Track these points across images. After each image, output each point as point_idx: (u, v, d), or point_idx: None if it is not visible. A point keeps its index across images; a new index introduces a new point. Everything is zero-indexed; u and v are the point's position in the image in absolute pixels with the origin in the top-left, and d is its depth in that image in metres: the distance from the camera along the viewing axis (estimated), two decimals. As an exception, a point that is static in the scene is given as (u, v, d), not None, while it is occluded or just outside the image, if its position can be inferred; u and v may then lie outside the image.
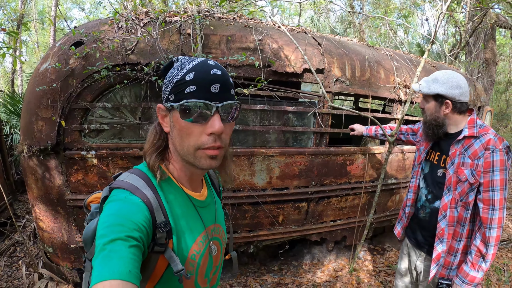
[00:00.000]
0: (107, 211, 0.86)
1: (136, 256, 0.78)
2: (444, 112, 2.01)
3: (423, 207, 2.22)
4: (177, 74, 0.92)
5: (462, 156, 1.95)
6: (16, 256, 3.75)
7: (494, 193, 1.84)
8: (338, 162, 3.62)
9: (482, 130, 1.93)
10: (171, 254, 0.93)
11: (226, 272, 3.69)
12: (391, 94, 3.77)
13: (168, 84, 0.94)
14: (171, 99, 0.93)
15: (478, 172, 1.88)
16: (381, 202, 4.11)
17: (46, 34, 18.34)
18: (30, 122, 2.82)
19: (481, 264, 1.89)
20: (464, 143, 1.96)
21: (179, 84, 0.91)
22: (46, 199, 2.96)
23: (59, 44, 2.88)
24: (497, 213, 1.84)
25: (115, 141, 2.95)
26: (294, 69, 3.17)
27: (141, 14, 3.07)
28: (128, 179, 0.95)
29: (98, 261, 0.74)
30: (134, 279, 0.73)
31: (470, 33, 7.30)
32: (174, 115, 0.93)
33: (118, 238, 0.77)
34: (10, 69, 11.97)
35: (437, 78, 2.01)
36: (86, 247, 1.02)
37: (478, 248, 1.89)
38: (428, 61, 4.63)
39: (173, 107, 0.92)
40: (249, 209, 3.35)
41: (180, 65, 0.94)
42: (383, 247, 4.58)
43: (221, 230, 1.18)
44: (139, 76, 2.76)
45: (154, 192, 0.94)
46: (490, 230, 1.85)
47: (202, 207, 1.08)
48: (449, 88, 1.96)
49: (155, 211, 0.91)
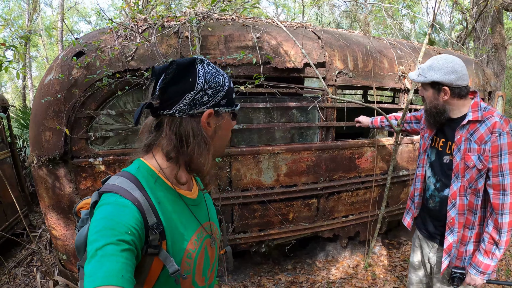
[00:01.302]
0: (97, 215, 0.85)
1: (129, 260, 0.77)
2: (443, 99, 1.95)
3: (432, 196, 2.15)
4: (224, 80, 1.00)
5: (468, 142, 1.89)
6: (33, 265, 3.82)
7: (504, 178, 1.78)
8: (347, 156, 3.58)
9: (487, 113, 1.86)
10: (165, 255, 0.92)
11: (239, 273, 3.68)
12: (396, 83, 3.71)
13: (218, 89, 0.98)
14: (223, 103, 1.00)
15: (486, 157, 1.82)
16: (393, 194, 4.04)
17: (54, 48, 18.72)
18: (38, 133, 2.87)
19: (494, 252, 1.84)
20: (469, 128, 1.90)
21: (230, 91, 1.02)
22: (58, 207, 3.00)
23: (61, 56, 2.93)
24: (508, 198, 1.78)
25: (121, 147, 2.98)
26: (295, 64, 3.15)
27: (139, 21, 3.10)
28: (117, 182, 0.94)
29: (90, 267, 0.73)
30: (127, 283, 0.72)
31: (476, 18, 7.15)
32: (226, 118, 1.03)
33: (109, 243, 0.76)
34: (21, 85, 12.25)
35: (431, 65, 1.94)
36: (78, 254, 1.01)
37: (491, 235, 1.84)
38: (434, 48, 4.55)
39: (229, 111, 1.03)
40: (258, 208, 3.33)
41: (217, 70, 1.01)
42: (399, 241, 4.51)
43: (214, 227, 1.17)
44: (140, 82, 2.78)
45: (144, 193, 0.93)
46: (503, 216, 1.79)
47: (194, 205, 1.08)
48: (445, 74, 1.89)
49: (146, 213, 0.90)
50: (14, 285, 3.49)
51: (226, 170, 3.16)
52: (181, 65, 0.93)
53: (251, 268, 3.76)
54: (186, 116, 0.94)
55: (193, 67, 0.95)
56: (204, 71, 0.95)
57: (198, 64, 0.96)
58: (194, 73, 0.95)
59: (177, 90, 0.93)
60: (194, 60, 0.96)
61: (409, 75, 2.10)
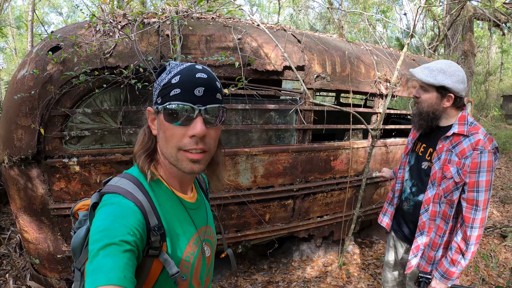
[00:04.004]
0: (100, 215, 0.85)
1: (131, 261, 0.77)
2: (444, 105, 1.94)
3: (407, 199, 2.22)
4: (165, 77, 0.95)
5: (449, 153, 1.91)
6: (2, 269, 3.67)
7: (479, 194, 1.83)
8: (322, 158, 3.65)
9: (473, 128, 1.88)
10: (165, 257, 0.93)
11: (216, 273, 3.69)
12: (372, 89, 3.82)
13: (156, 88, 0.96)
14: (158, 102, 0.95)
15: (464, 172, 1.85)
16: (367, 195, 4.16)
17: (24, 40, 17.96)
18: (9, 131, 2.76)
19: (460, 261, 1.90)
20: (453, 140, 1.92)
21: (165, 87, 0.93)
22: (30, 209, 2.90)
23: (36, 50, 2.83)
24: (480, 213, 1.83)
25: (96, 147, 2.91)
26: (275, 67, 3.18)
27: (118, 17, 3.03)
28: (119, 183, 0.95)
29: (92, 267, 0.73)
30: (129, 284, 0.73)
31: (448, 26, 7.44)
32: (160, 117, 0.95)
33: (112, 243, 0.77)
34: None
35: (443, 69, 1.90)
36: (74, 257, 1.01)
37: (459, 245, 1.89)
38: (408, 55, 4.70)
39: (159, 109, 0.94)
40: (235, 209, 3.35)
41: (169, 69, 0.97)
42: (371, 240, 4.65)
43: (211, 231, 1.19)
44: (118, 80, 2.73)
45: (146, 195, 0.94)
46: (472, 229, 1.84)
47: (192, 209, 1.09)
48: (456, 82, 1.87)
49: (148, 215, 0.91)
50: (-18, 290, 3.35)
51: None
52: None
53: (227, 269, 3.78)
54: None
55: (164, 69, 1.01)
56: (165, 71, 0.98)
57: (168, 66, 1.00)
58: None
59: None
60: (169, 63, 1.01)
61: (413, 72, 2.02)
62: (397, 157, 4.25)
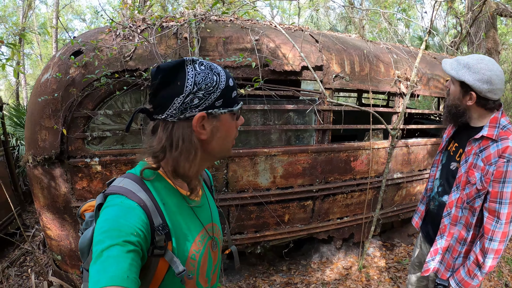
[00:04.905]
0: (103, 216, 0.86)
1: (134, 261, 0.78)
2: (467, 103, 1.79)
3: (434, 199, 2.12)
4: (219, 80, 0.94)
5: (476, 157, 1.76)
6: (26, 265, 3.79)
7: (501, 206, 1.66)
8: (342, 158, 3.60)
9: (504, 133, 1.70)
10: (171, 256, 0.93)
11: (234, 274, 3.69)
12: (391, 88, 3.75)
13: (210, 90, 0.93)
14: (219, 105, 0.95)
15: (487, 179, 1.69)
16: (388, 197, 4.08)
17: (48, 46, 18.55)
18: (34, 132, 2.85)
19: (476, 273, 1.76)
20: (482, 143, 1.75)
21: (227, 90, 0.96)
22: (53, 207, 2.99)
23: (59, 55, 2.91)
24: (502, 227, 1.68)
25: (118, 147, 2.97)
26: (293, 67, 3.17)
27: (138, 21, 3.10)
28: (123, 183, 0.94)
29: (95, 268, 0.73)
30: (133, 284, 0.73)
31: (470, 23, 7.23)
32: (223, 118, 0.97)
33: (115, 244, 0.77)
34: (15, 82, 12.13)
35: (469, 63, 1.74)
36: (82, 257, 1.01)
37: (477, 256, 1.75)
38: (429, 53, 4.60)
39: (222, 112, 0.96)
40: (254, 210, 3.35)
41: (211, 69, 0.94)
42: (392, 243, 4.55)
43: (217, 228, 1.18)
44: (138, 82, 2.78)
45: (149, 195, 0.94)
46: (491, 242, 1.70)
47: (198, 207, 1.08)
48: (478, 80, 1.70)
49: (152, 214, 0.90)
50: (7, 286, 3.46)
51: (223, 172, 3.16)
52: (167, 69, 0.90)
53: (246, 269, 3.77)
54: (178, 121, 0.92)
55: (182, 69, 0.91)
56: (194, 73, 0.91)
57: (188, 65, 0.92)
58: (183, 76, 0.91)
59: (166, 94, 0.91)
60: (183, 62, 0.92)
61: (443, 62, 1.89)
62: (419, 158, 4.15)
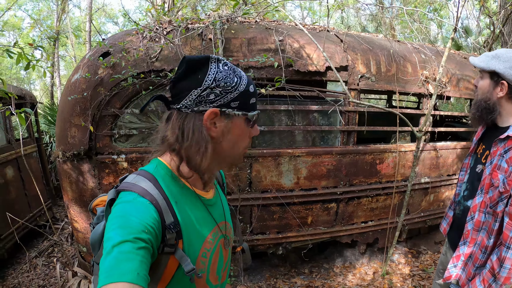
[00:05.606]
0: (115, 213, 0.86)
1: (145, 258, 0.78)
2: (497, 95, 1.71)
3: (459, 203, 2.03)
4: (240, 82, 0.95)
5: (501, 158, 1.65)
6: (53, 256, 3.96)
7: None
8: (368, 161, 3.53)
9: None
10: (181, 254, 0.93)
11: (256, 274, 3.68)
12: (419, 88, 3.64)
13: (228, 90, 0.94)
14: (234, 106, 0.95)
15: (509, 182, 1.58)
16: (414, 202, 3.96)
17: (82, 48, 19.27)
18: (64, 129, 2.96)
19: (492, 284, 1.63)
20: (507, 143, 1.65)
21: (245, 95, 0.96)
22: (80, 201, 3.10)
23: (88, 56, 3.02)
24: None
25: (143, 145, 3.04)
26: (317, 68, 3.14)
27: (164, 23, 3.16)
28: (135, 180, 0.94)
29: (106, 263, 0.74)
30: (142, 281, 0.73)
31: (503, 22, 6.91)
32: (236, 121, 0.97)
33: (126, 240, 0.77)
34: (49, 83, 12.67)
35: (497, 54, 1.70)
36: (94, 251, 1.03)
37: (493, 265, 1.63)
38: (459, 53, 4.44)
39: (236, 114, 0.96)
40: (277, 210, 3.33)
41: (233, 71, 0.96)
42: (418, 250, 4.41)
43: (229, 226, 1.18)
44: (163, 82, 2.83)
45: (162, 192, 0.94)
46: (509, 250, 1.56)
47: (210, 205, 1.08)
48: (510, 68, 1.63)
49: (163, 212, 0.91)
50: (34, 274, 3.62)
51: (246, 171, 3.17)
52: (192, 61, 0.92)
53: (268, 270, 3.76)
54: (191, 112, 0.93)
55: (206, 65, 0.93)
56: (216, 70, 0.93)
57: (213, 62, 0.94)
58: (205, 71, 0.92)
59: (185, 85, 0.93)
60: (208, 58, 0.94)
61: (470, 58, 1.84)
62: (448, 162, 4.01)
